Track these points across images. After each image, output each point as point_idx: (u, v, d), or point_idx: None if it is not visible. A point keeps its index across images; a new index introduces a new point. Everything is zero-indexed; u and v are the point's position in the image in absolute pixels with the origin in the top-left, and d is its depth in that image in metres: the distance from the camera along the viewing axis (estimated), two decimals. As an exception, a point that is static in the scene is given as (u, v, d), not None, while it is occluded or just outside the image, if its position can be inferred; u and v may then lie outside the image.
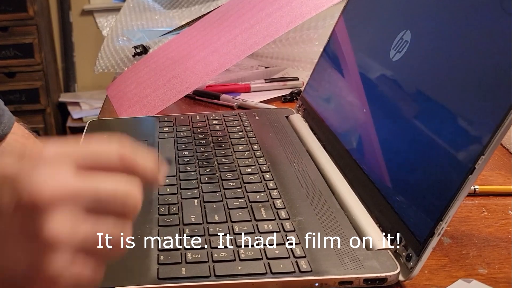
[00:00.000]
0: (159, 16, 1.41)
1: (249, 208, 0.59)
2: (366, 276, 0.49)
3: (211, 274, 0.49)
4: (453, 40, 0.55)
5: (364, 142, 0.65)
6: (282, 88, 1.00)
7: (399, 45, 0.63)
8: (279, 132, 0.78)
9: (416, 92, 0.58)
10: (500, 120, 0.45)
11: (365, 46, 0.72)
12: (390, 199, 0.55)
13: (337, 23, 0.81)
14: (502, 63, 0.48)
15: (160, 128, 0.80)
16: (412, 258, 0.49)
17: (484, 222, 0.60)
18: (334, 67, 0.79)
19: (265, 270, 0.49)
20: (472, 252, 0.54)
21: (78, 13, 3.06)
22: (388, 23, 0.68)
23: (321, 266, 0.49)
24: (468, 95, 0.50)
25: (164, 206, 0.59)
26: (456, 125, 0.50)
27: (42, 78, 2.87)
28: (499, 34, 0.49)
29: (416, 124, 0.55)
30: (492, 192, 0.65)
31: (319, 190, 0.62)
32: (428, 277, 0.51)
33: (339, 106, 0.74)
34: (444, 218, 0.47)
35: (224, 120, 0.82)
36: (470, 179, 0.46)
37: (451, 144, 0.50)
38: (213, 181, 0.64)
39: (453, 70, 0.53)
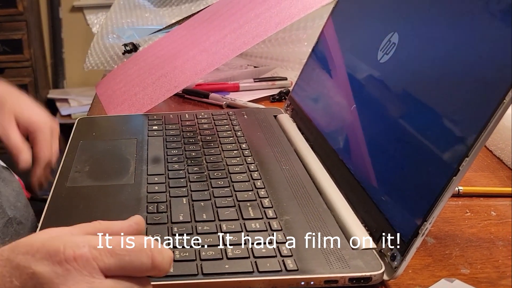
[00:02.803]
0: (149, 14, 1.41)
1: (237, 207, 0.59)
2: (351, 275, 0.49)
3: (198, 272, 0.49)
4: (440, 42, 0.55)
5: (350, 143, 0.65)
6: (270, 88, 1.01)
7: (387, 47, 0.63)
8: (267, 132, 0.78)
9: (402, 93, 0.59)
10: (485, 123, 0.46)
11: (353, 48, 0.73)
12: (376, 199, 0.56)
13: (326, 24, 0.82)
14: (487, 66, 0.48)
15: (149, 126, 0.80)
16: (396, 258, 0.50)
17: (467, 223, 0.61)
18: (322, 67, 0.79)
19: (252, 268, 0.50)
20: (455, 252, 0.55)
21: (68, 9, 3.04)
22: (376, 25, 0.69)
23: (308, 265, 0.50)
24: (453, 97, 0.51)
25: (153, 204, 0.60)
26: (441, 127, 0.51)
27: (31, 74, 2.86)
28: (485, 36, 0.50)
29: (402, 126, 0.56)
30: (476, 193, 0.66)
31: (306, 189, 0.63)
32: (412, 277, 0.52)
33: (327, 107, 0.75)
34: (428, 218, 0.48)
35: (213, 119, 0.83)
36: (454, 180, 0.47)
37: (436, 146, 0.51)
38: (202, 180, 0.65)
39: (439, 73, 0.54)
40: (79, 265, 0.38)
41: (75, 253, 0.39)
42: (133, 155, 0.72)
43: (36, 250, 0.39)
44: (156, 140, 0.76)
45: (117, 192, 0.63)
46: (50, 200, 0.61)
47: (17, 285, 0.38)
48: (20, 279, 0.39)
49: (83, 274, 0.38)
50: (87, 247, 0.39)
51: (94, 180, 0.66)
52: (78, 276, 0.38)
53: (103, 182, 0.65)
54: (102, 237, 0.41)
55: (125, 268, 0.40)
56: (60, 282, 0.38)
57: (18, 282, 0.39)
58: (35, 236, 0.42)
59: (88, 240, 0.40)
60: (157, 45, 1.13)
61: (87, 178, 0.66)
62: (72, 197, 0.62)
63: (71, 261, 0.39)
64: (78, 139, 0.77)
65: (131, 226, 0.44)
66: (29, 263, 0.39)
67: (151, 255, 0.41)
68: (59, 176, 0.66)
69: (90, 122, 0.84)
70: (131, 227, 0.44)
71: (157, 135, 0.78)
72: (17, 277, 0.39)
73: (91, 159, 0.71)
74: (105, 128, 0.82)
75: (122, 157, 0.71)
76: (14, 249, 0.40)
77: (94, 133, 0.80)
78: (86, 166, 0.69)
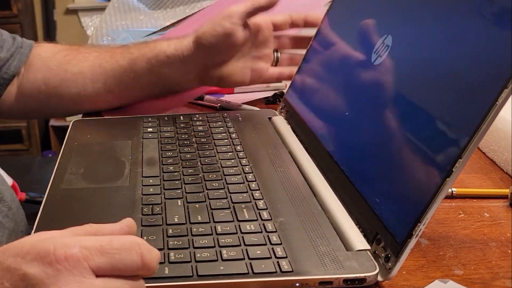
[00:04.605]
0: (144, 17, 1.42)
1: (232, 209, 0.59)
2: (346, 276, 0.50)
3: (193, 274, 0.49)
4: (433, 44, 0.56)
5: (344, 144, 0.66)
6: (265, 90, 1.01)
7: (381, 49, 0.64)
8: (262, 134, 0.79)
9: (396, 95, 0.59)
10: (478, 124, 0.46)
11: (347, 50, 0.73)
12: (370, 201, 0.56)
13: (320, 26, 0.82)
14: (480, 67, 0.49)
15: (144, 129, 0.80)
16: (390, 259, 0.50)
17: (460, 224, 0.61)
18: (316, 70, 0.80)
19: (247, 270, 0.50)
20: (448, 254, 0.56)
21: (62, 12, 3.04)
22: (370, 27, 0.69)
23: (302, 266, 0.50)
24: (447, 99, 0.52)
25: (148, 206, 0.60)
26: (435, 128, 0.51)
27: (25, 77, 2.84)
28: (478, 38, 0.50)
29: (396, 127, 0.56)
30: (469, 195, 0.66)
31: (301, 191, 0.63)
32: (405, 278, 0.52)
33: (321, 109, 0.75)
34: (422, 220, 0.48)
35: (208, 121, 0.83)
36: (447, 182, 0.47)
37: (430, 147, 0.51)
38: (197, 182, 0.65)
39: (432, 74, 0.55)
40: (70, 265, 0.39)
41: (66, 253, 0.39)
42: (128, 157, 0.72)
43: (26, 252, 0.39)
44: (151, 142, 0.76)
45: (112, 194, 0.63)
46: (45, 202, 0.61)
47: (8, 287, 0.38)
48: (11, 281, 0.39)
49: (74, 274, 0.38)
50: (77, 247, 0.39)
51: (89, 182, 0.66)
52: (69, 276, 0.38)
53: (98, 184, 0.65)
54: (92, 237, 0.41)
55: (115, 267, 0.40)
56: (51, 283, 0.38)
57: (9, 284, 0.39)
58: (25, 238, 0.42)
59: (78, 241, 0.40)
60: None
61: (82, 180, 0.66)
62: (67, 199, 0.62)
63: (61, 261, 0.39)
64: (73, 141, 0.77)
65: (122, 229, 0.44)
66: (19, 265, 0.39)
67: (141, 253, 0.41)
68: (54, 178, 0.66)
69: (85, 124, 0.84)
70: (122, 229, 0.44)
71: (152, 137, 0.78)
72: (8, 279, 0.39)
73: (86, 161, 0.71)
74: (100, 130, 0.83)
75: (117, 159, 0.71)
76: (4, 252, 0.40)
77: (89, 135, 0.80)
78: (81, 168, 0.69)
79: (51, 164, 2.31)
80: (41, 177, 2.16)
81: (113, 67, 0.85)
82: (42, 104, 0.87)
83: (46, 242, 0.40)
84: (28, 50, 0.88)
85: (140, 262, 0.41)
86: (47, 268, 0.39)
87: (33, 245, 0.40)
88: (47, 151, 2.86)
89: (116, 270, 0.40)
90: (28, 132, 2.90)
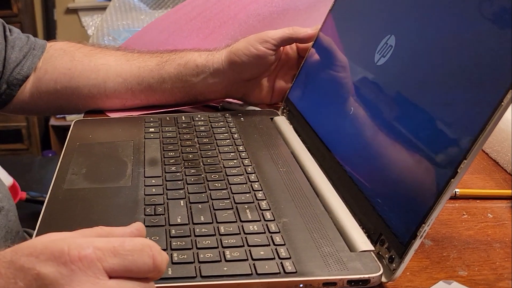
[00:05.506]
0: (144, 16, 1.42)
1: (235, 209, 0.59)
2: (350, 277, 0.49)
3: (197, 275, 0.49)
4: (437, 45, 0.56)
5: (347, 145, 0.65)
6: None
7: (384, 50, 0.64)
8: (264, 134, 0.78)
9: (399, 96, 0.59)
10: (482, 125, 0.46)
11: (350, 50, 0.73)
12: (374, 202, 0.56)
13: (323, 26, 0.82)
14: (485, 68, 0.49)
15: (146, 129, 0.80)
16: (394, 260, 0.50)
17: (464, 225, 0.61)
18: (319, 70, 0.79)
19: (250, 271, 0.50)
20: (452, 254, 0.56)
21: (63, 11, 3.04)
22: (373, 27, 0.69)
23: (306, 267, 0.50)
24: (451, 99, 0.51)
25: (150, 206, 0.60)
26: (439, 129, 0.51)
27: (25, 76, 2.84)
28: (482, 39, 0.50)
29: (400, 128, 0.56)
30: (472, 196, 0.66)
31: (304, 192, 0.63)
32: (409, 279, 0.52)
33: (323, 109, 0.75)
34: (426, 221, 0.48)
35: (210, 121, 0.83)
36: (452, 183, 0.47)
37: (434, 148, 0.51)
38: (199, 182, 0.65)
39: (436, 76, 0.54)
40: (84, 266, 0.39)
41: (80, 254, 0.39)
42: (130, 157, 0.71)
43: (40, 252, 0.39)
44: (153, 143, 0.76)
45: (114, 194, 0.63)
46: (47, 203, 0.61)
47: (22, 286, 0.38)
48: (25, 281, 0.39)
49: (88, 274, 0.38)
50: (91, 248, 0.39)
51: (91, 182, 0.66)
52: (83, 277, 0.38)
53: (100, 185, 0.65)
54: (104, 238, 0.41)
55: (128, 268, 0.40)
56: (65, 283, 0.38)
57: (23, 284, 0.39)
58: (37, 239, 0.42)
59: (91, 241, 0.40)
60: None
61: (84, 180, 0.66)
62: (69, 199, 0.62)
63: (76, 261, 0.39)
64: (75, 141, 0.76)
65: (133, 232, 0.44)
66: (33, 265, 0.39)
67: (152, 255, 0.41)
68: (56, 178, 0.66)
69: (86, 124, 0.84)
70: (133, 233, 0.44)
71: (154, 137, 0.77)
72: (22, 278, 0.39)
73: (88, 161, 0.71)
74: (102, 130, 0.82)
75: (119, 159, 0.71)
76: (17, 251, 0.40)
77: (90, 135, 0.79)
78: (83, 169, 0.68)
79: (52, 164, 2.31)
80: (41, 177, 2.16)
81: (140, 65, 0.86)
82: (57, 96, 0.87)
83: (60, 242, 0.40)
84: (41, 52, 0.88)
85: (151, 264, 0.41)
86: (61, 268, 0.39)
87: (46, 246, 0.40)
88: (47, 151, 2.86)
89: (129, 272, 0.40)
90: (28, 131, 2.89)
